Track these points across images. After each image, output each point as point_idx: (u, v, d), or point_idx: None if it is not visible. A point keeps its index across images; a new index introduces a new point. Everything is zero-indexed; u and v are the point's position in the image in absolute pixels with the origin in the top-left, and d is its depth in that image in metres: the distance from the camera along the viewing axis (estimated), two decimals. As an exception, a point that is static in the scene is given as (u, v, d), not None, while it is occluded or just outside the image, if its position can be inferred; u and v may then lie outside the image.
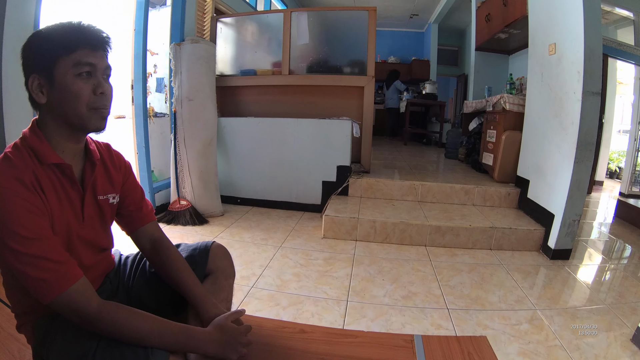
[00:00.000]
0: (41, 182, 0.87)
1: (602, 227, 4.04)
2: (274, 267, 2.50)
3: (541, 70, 3.23)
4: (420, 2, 8.20)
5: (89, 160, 1.01)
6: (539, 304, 2.19)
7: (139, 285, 1.17)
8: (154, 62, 3.89)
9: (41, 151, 0.88)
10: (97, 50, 0.91)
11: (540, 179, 3.19)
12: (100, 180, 1.04)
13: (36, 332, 0.95)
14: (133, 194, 1.16)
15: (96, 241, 1.06)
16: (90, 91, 0.89)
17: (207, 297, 1.07)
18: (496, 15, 4.59)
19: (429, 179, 3.94)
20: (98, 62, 0.91)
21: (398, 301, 2.13)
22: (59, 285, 0.82)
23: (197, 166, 3.49)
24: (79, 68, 0.87)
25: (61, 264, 0.84)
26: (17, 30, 2.05)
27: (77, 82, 0.87)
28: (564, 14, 2.87)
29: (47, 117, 0.91)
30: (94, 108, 0.90)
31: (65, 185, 0.94)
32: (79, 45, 0.88)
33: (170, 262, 1.11)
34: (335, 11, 4.44)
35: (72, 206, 0.96)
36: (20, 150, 0.88)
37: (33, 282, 0.81)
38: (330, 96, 4.12)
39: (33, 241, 0.80)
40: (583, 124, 2.65)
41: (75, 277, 0.85)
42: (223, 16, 4.49)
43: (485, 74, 5.57)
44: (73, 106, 0.88)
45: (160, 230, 1.20)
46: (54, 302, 0.82)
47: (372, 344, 1.18)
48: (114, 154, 1.13)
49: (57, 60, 0.86)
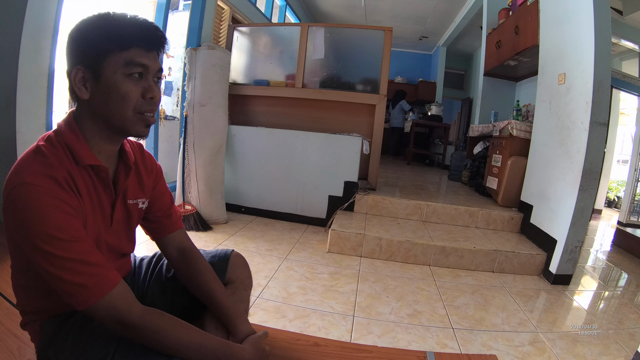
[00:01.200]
0: (77, 182, 0.82)
1: (600, 255, 4.07)
2: (279, 279, 2.50)
3: (550, 98, 3.29)
4: (431, 25, 8.35)
5: (123, 163, 0.96)
6: (540, 327, 2.20)
7: (153, 289, 1.13)
8: (168, 65, 3.95)
9: (79, 151, 0.83)
10: (151, 51, 0.84)
11: (544, 205, 3.22)
12: (132, 185, 0.99)
13: (45, 332, 0.90)
14: (162, 199, 1.11)
15: (119, 247, 1.01)
16: (140, 94, 0.83)
17: (239, 312, 1.06)
18: (507, 42, 4.68)
19: (434, 199, 3.97)
20: (151, 64, 0.84)
21: (404, 319, 2.14)
22: (99, 290, 0.77)
23: (204, 172, 3.51)
24: (131, 68, 0.81)
25: (100, 267, 0.78)
26: (38, 22, 2.07)
27: (126, 82, 0.81)
28: (574, 46, 2.93)
29: (85, 114, 0.85)
30: (140, 112, 0.84)
31: (99, 188, 0.89)
32: (133, 43, 0.81)
33: (201, 273, 1.06)
34: (351, 29, 4.50)
35: (102, 210, 0.91)
36: (55, 146, 0.81)
37: (70, 288, 0.75)
38: (341, 112, 4.17)
39: (70, 243, 0.75)
40: (589, 153, 2.70)
41: (115, 281, 0.80)
42: (240, 25, 4.57)
43: (492, 99, 5.64)
44: (119, 108, 0.82)
45: (188, 239, 1.15)
46: (92, 308, 0.76)
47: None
48: (146, 156, 1.08)
49: (108, 56, 0.80)
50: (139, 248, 1.30)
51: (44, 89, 2.15)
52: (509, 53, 4.59)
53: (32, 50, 2.04)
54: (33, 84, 2.08)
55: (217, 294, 1.05)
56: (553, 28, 3.36)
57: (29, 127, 2.10)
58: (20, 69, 2.02)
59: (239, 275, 1.18)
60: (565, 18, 3.09)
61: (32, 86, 2.09)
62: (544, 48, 3.55)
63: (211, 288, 1.05)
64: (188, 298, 1.10)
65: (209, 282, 1.06)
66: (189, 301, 1.10)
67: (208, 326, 1.02)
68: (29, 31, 2.03)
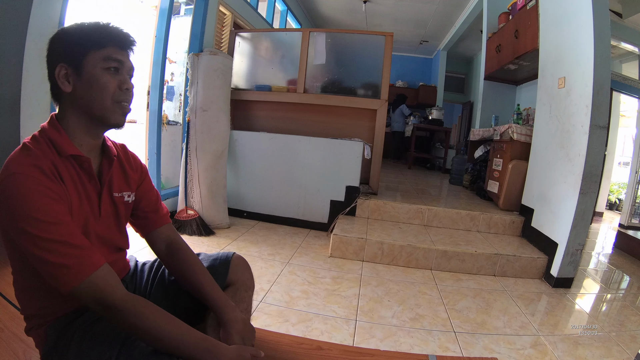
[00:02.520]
0: (60, 171, 0.87)
1: (601, 257, 4.07)
2: (282, 283, 2.52)
3: (550, 102, 3.31)
4: (431, 29, 8.39)
5: (106, 157, 1.03)
6: (542, 330, 2.21)
7: (156, 293, 1.15)
8: (171, 70, 3.97)
9: (60, 143, 0.90)
10: (124, 50, 0.96)
11: (545, 208, 3.23)
12: (116, 177, 1.06)
13: (49, 337, 0.92)
14: (149, 195, 1.17)
15: (111, 239, 1.05)
16: (117, 86, 0.93)
17: (227, 300, 1.06)
18: (507, 46, 4.70)
19: (435, 203, 3.98)
20: (125, 61, 0.96)
21: (406, 323, 2.15)
22: (82, 270, 0.79)
23: (207, 177, 3.52)
24: (108, 62, 0.92)
25: (83, 249, 0.82)
26: (42, 27, 2.09)
27: (105, 75, 0.91)
28: (574, 49, 2.95)
29: (68, 110, 0.94)
30: (117, 101, 0.94)
31: (84, 178, 0.95)
32: (109, 43, 0.93)
33: (188, 264, 1.10)
34: (353, 34, 4.52)
35: (89, 201, 0.96)
36: (38, 141, 0.88)
37: (54, 269, 0.78)
38: (342, 117, 4.19)
39: (52, 225, 0.78)
40: (589, 156, 2.71)
41: (98, 263, 0.83)
42: (242, 30, 4.60)
43: (492, 103, 5.64)
44: (99, 97, 0.91)
45: (176, 233, 1.20)
46: (76, 289, 0.79)
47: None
48: (129, 154, 1.15)
49: (88, 53, 0.90)
50: (142, 253, 1.31)
51: (48, 92, 2.17)
52: (509, 57, 4.60)
53: (36, 54, 2.06)
54: (37, 87, 2.10)
55: (205, 283, 1.07)
56: (552, 31, 3.39)
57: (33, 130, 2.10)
58: (24, 73, 2.05)
59: (240, 277, 1.21)
60: (565, 21, 3.11)
61: (36, 90, 2.10)
62: (543, 52, 3.57)
63: (199, 278, 1.08)
64: (191, 301, 1.11)
65: (197, 273, 1.09)
66: (192, 305, 1.12)
67: (209, 327, 1.04)
68: (32, 36, 2.05)
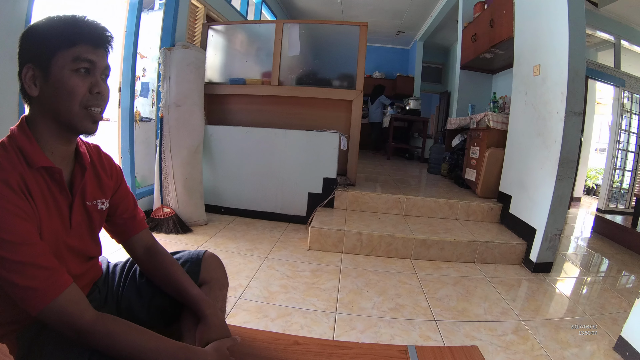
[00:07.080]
0: (29, 185, 0.81)
1: (580, 242, 4.15)
2: (260, 279, 2.47)
3: (525, 90, 3.33)
4: (408, 20, 8.39)
5: (79, 164, 0.96)
6: (523, 315, 2.23)
7: (129, 294, 1.11)
8: (142, 66, 3.85)
9: (30, 153, 0.82)
10: (98, 48, 0.86)
11: (523, 195, 3.26)
12: (89, 186, 0.99)
13: (20, 344, 0.88)
14: (126, 201, 1.11)
15: (84, 249, 1.00)
16: (86, 89, 0.84)
17: (204, 296, 1.05)
18: (482, 35, 4.72)
19: (414, 193, 3.98)
20: (98, 61, 0.86)
21: (386, 313, 2.13)
22: (48, 293, 0.76)
23: (182, 174, 3.44)
24: (78, 64, 0.83)
25: (51, 270, 0.78)
26: (8, 25, 2.00)
27: (73, 77, 0.82)
28: (549, 37, 2.97)
29: (37, 114, 0.86)
30: (86, 107, 0.85)
31: (54, 190, 0.88)
32: (80, 40, 0.83)
33: (166, 266, 1.08)
34: (327, 25, 4.49)
35: (59, 213, 0.90)
36: (7, 150, 0.81)
37: (21, 292, 0.75)
38: (318, 108, 4.15)
39: (20, 246, 0.74)
40: (565, 142, 2.74)
41: (65, 284, 0.79)
42: (215, 23, 4.50)
43: (469, 92, 5.69)
44: (66, 103, 0.83)
45: (152, 237, 1.16)
46: (44, 312, 0.76)
47: (367, 356, 1.17)
48: (103, 158, 1.07)
49: (56, 53, 0.82)
50: (116, 254, 1.26)
51: (15, 94, 2.07)
52: (484, 46, 4.63)
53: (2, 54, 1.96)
54: (5, 88, 2.01)
55: (183, 284, 1.05)
56: (528, 20, 3.40)
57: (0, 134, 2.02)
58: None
59: (213, 276, 1.18)
60: (540, 10, 3.13)
61: (3, 91, 2.01)
62: (519, 40, 3.58)
63: (177, 279, 1.06)
64: (165, 300, 1.09)
65: (175, 273, 1.07)
66: (167, 303, 1.09)
67: (184, 326, 1.02)
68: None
